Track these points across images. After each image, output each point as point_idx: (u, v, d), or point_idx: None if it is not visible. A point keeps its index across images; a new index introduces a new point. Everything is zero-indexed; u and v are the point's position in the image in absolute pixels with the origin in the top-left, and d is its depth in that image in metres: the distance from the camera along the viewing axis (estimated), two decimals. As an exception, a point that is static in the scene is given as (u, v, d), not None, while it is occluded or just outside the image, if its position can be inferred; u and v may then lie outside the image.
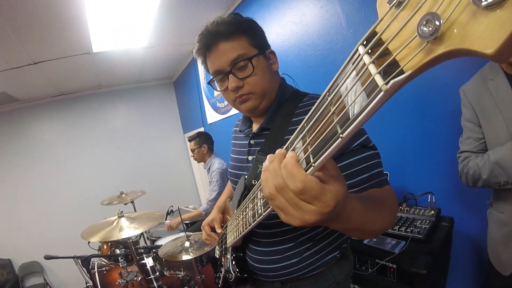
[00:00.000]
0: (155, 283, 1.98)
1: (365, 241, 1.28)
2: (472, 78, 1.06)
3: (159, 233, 2.73)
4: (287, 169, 0.38)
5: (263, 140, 0.80)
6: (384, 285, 1.17)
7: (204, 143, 2.83)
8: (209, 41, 0.77)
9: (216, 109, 3.39)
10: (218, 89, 0.82)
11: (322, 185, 0.37)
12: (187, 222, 2.80)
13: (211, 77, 0.81)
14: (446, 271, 1.40)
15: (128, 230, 1.61)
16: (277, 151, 0.42)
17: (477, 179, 1.00)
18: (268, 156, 0.43)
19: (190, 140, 2.91)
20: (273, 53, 0.84)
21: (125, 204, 2.67)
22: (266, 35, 0.86)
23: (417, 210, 1.37)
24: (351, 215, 0.44)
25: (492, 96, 0.96)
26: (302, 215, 0.39)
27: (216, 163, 2.72)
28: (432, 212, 1.31)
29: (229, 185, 1.15)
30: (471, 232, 1.37)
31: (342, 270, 0.86)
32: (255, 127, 0.90)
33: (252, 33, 0.78)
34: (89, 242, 1.67)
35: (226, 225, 0.96)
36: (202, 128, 3.93)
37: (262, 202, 0.54)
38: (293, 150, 0.40)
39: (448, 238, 1.31)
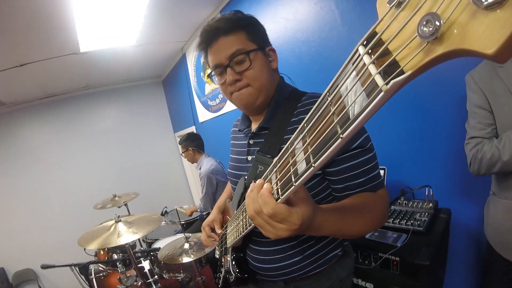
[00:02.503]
0: (154, 286, 1.97)
1: (367, 236, 1.28)
2: (480, 65, 1.05)
3: (156, 235, 2.71)
4: (262, 198, 0.49)
5: (262, 140, 0.80)
6: (388, 277, 1.18)
7: (190, 146, 2.84)
8: (210, 36, 0.79)
9: (207, 107, 3.37)
10: (217, 83, 0.84)
11: (290, 209, 0.48)
12: (183, 222, 2.80)
13: (211, 71, 0.83)
14: (445, 262, 1.43)
15: (127, 235, 1.58)
16: (257, 182, 0.53)
17: (495, 162, 0.95)
18: (251, 185, 0.54)
19: (179, 144, 2.95)
20: (273, 50, 0.85)
21: (119, 207, 2.65)
22: None
23: (415, 203, 1.38)
24: (322, 226, 0.56)
25: (503, 82, 0.95)
26: (275, 231, 0.51)
27: (204, 165, 2.73)
28: (430, 204, 1.33)
29: (229, 185, 1.14)
30: (468, 222, 1.39)
31: (345, 267, 0.87)
32: (254, 126, 0.90)
33: (251, 29, 0.80)
34: (85, 249, 1.64)
35: (226, 226, 0.96)
36: (194, 126, 3.90)
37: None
38: (269, 181, 0.51)
39: (446, 230, 1.33)
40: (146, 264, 2.13)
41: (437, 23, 0.22)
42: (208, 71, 0.84)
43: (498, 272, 1.08)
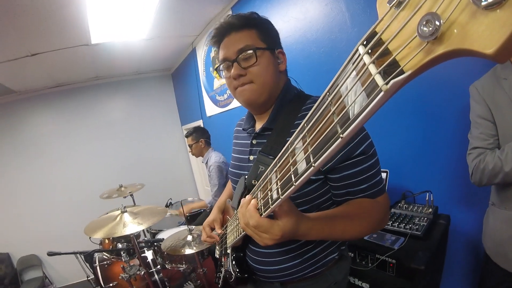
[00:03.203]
0: (156, 276, 2.01)
1: (366, 237, 1.29)
2: (484, 76, 1.05)
3: (160, 226, 2.75)
4: (249, 213, 0.58)
5: (265, 141, 0.80)
6: (383, 279, 1.20)
7: (201, 138, 2.84)
8: (223, 31, 0.81)
9: (215, 102, 3.38)
10: (224, 77, 0.85)
11: (271, 222, 0.57)
12: (188, 215, 2.83)
13: (219, 65, 0.84)
14: (442, 267, 1.42)
15: (132, 225, 1.60)
16: (246, 197, 0.61)
17: (497, 173, 0.95)
18: (241, 200, 0.63)
19: (187, 136, 2.92)
20: (282, 53, 0.85)
21: (125, 197, 2.69)
22: None
23: (415, 208, 1.38)
24: (308, 233, 0.62)
25: (507, 94, 0.96)
26: (262, 239, 0.60)
27: (213, 157, 2.74)
28: (430, 210, 1.33)
29: (229, 184, 1.15)
30: (466, 230, 1.38)
31: (341, 270, 0.87)
32: (258, 126, 0.90)
33: (263, 29, 0.81)
34: (90, 237, 1.67)
35: (226, 226, 0.96)
36: (201, 120, 3.93)
37: (262, 202, 0.55)
38: (255, 197, 0.59)
39: (444, 236, 1.33)
40: (149, 254, 2.16)
41: (437, 23, 0.21)
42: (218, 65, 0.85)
43: (494, 281, 1.08)
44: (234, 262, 0.90)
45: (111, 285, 1.96)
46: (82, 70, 3.71)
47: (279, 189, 0.47)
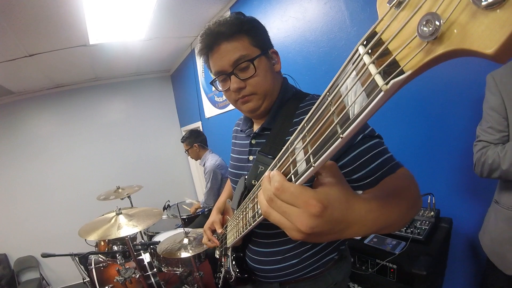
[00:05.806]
0: (152, 279, 1.99)
1: (366, 241, 1.28)
2: (504, 66, 1.00)
3: (157, 228, 2.73)
4: (273, 179, 0.39)
5: (264, 140, 0.80)
6: (384, 285, 1.18)
7: (195, 143, 2.85)
8: (211, 41, 0.76)
9: (214, 103, 3.38)
10: (221, 89, 0.82)
11: (300, 186, 0.37)
12: (184, 217, 2.83)
13: (214, 77, 0.81)
14: (443, 272, 1.41)
15: (127, 228, 1.58)
16: (265, 173, 0.43)
17: (495, 169, 0.96)
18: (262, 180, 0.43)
19: (182, 142, 2.94)
20: (275, 53, 0.84)
21: (122, 199, 2.67)
22: (268, 30, 0.85)
23: (417, 211, 1.37)
24: (367, 218, 0.40)
25: None
26: (294, 221, 0.37)
27: (209, 160, 2.75)
28: (432, 213, 1.32)
29: (228, 185, 1.14)
30: (469, 233, 1.38)
31: (341, 271, 0.87)
32: (256, 127, 0.90)
33: (254, 33, 0.78)
34: (85, 239, 1.66)
35: (226, 226, 0.96)
36: (200, 122, 3.93)
37: None
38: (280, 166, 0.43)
39: (446, 239, 1.31)
40: (146, 257, 2.14)
41: (437, 23, 0.21)
42: (212, 75, 0.83)
43: (496, 285, 1.07)
44: (234, 262, 0.90)
45: (106, 288, 1.94)
46: (80, 71, 3.71)
47: None
